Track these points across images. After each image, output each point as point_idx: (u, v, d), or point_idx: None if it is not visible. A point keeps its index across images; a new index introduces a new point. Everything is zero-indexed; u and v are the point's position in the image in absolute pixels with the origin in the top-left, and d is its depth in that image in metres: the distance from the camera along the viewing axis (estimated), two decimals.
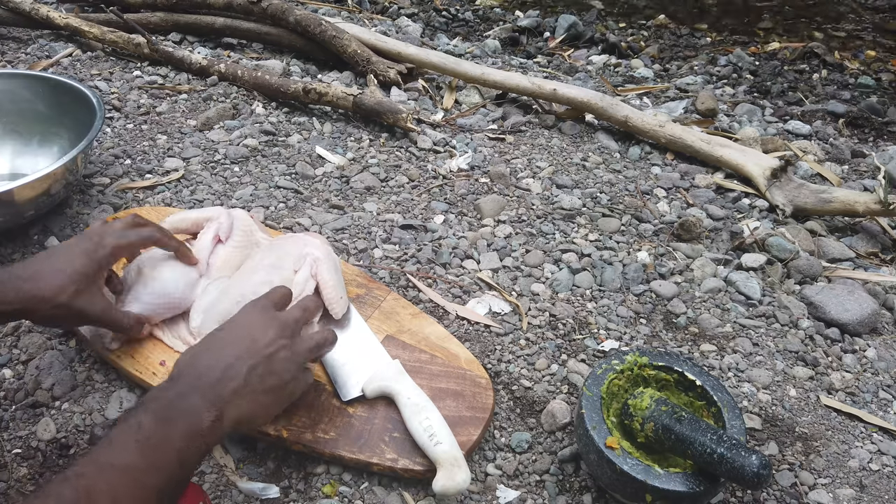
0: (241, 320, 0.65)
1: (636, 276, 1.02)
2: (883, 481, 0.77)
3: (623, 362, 0.74)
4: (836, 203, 1.17)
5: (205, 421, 0.55)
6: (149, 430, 0.52)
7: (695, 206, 1.22)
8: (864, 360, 0.93)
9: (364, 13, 2.22)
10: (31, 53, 1.55)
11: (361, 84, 1.55)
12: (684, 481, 0.63)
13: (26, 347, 0.84)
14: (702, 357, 0.90)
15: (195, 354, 0.61)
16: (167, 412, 0.54)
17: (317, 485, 0.71)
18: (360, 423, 0.73)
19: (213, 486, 0.70)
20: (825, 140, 1.54)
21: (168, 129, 1.30)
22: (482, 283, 1.00)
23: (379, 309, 0.88)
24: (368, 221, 1.10)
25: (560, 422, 0.78)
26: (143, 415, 0.53)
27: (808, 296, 1.01)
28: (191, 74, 1.50)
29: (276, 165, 1.22)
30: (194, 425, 0.55)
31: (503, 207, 1.16)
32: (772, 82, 1.91)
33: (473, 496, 0.71)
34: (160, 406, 0.55)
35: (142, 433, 0.52)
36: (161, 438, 0.52)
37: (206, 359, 0.60)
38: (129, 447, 0.51)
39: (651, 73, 1.93)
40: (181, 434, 0.54)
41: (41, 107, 1.14)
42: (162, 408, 0.55)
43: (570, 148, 1.38)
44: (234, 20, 1.68)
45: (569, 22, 2.19)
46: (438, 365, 0.81)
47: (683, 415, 0.66)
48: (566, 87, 1.43)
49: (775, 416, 0.83)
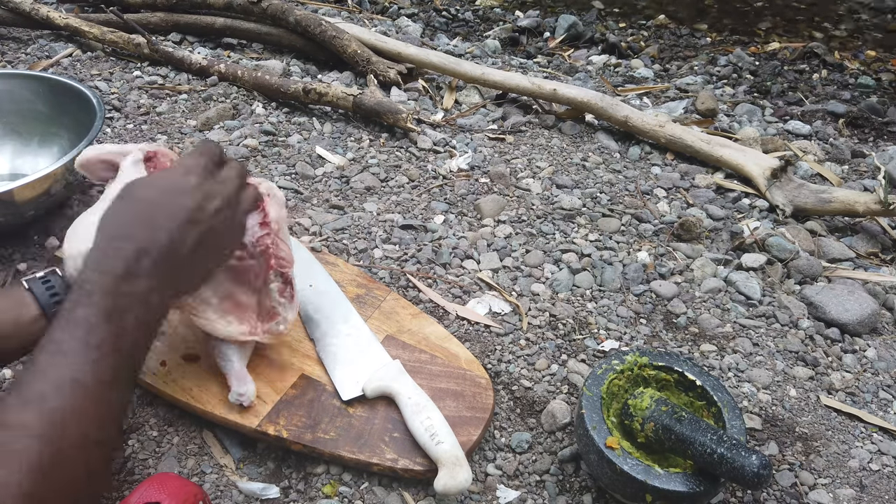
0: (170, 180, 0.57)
1: (636, 276, 1.02)
2: (883, 481, 0.77)
3: (623, 362, 0.74)
4: (836, 203, 1.17)
5: (158, 304, 0.51)
6: (102, 331, 0.47)
7: (695, 206, 1.22)
8: (864, 360, 0.93)
9: (364, 13, 2.22)
10: (31, 53, 1.55)
11: (361, 84, 1.55)
12: (684, 481, 0.63)
13: None
14: (702, 357, 0.91)
15: (127, 221, 0.53)
16: (115, 302, 0.48)
17: (317, 485, 0.71)
18: (360, 423, 0.73)
19: (213, 486, 0.70)
20: (825, 140, 1.54)
21: (168, 130, 1.30)
22: (482, 283, 1.00)
23: (379, 309, 0.88)
24: (368, 221, 1.10)
25: (560, 422, 0.78)
26: (89, 309, 0.47)
27: (808, 296, 1.01)
28: (191, 74, 1.50)
29: (276, 165, 1.22)
30: (149, 313, 0.50)
31: (503, 207, 1.16)
32: (772, 82, 1.91)
33: (473, 496, 0.71)
34: (105, 297, 0.48)
35: (95, 336, 0.46)
36: (116, 336, 0.47)
37: (142, 228, 0.52)
38: (86, 356, 0.46)
39: (651, 73, 1.93)
40: (135, 326, 0.49)
41: (41, 107, 1.14)
42: (108, 299, 0.48)
43: (570, 148, 1.38)
44: (234, 20, 1.68)
45: (569, 22, 2.19)
46: (438, 365, 0.81)
47: (683, 415, 0.66)
48: (566, 87, 1.43)
49: (775, 416, 0.83)
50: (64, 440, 0.43)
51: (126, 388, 0.49)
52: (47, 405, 0.43)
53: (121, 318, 0.48)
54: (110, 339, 0.47)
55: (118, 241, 0.52)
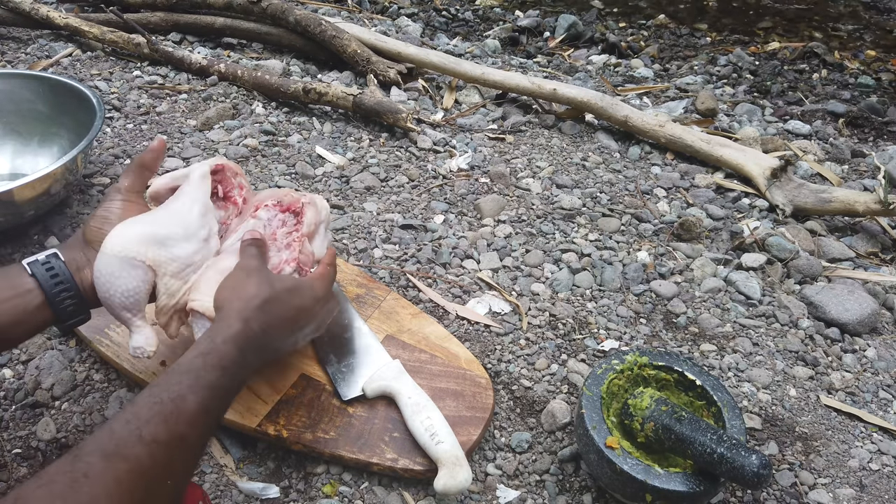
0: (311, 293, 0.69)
1: (636, 276, 1.02)
2: (883, 481, 0.77)
3: (623, 362, 0.74)
4: (836, 203, 1.17)
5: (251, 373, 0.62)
6: (218, 401, 0.56)
7: (695, 206, 1.22)
8: (864, 360, 0.93)
9: (364, 13, 2.22)
10: (31, 53, 1.55)
11: (361, 84, 1.55)
12: (684, 481, 0.63)
13: (26, 347, 0.84)
14: (702, 357, 0.91)
15: (269, 312, 0.64)
16: (235, 382, 0.58)
17: (317, 485, 0.71)
18: (360, 423, 0.73)
19: (213, 486, 0.70)
20: (825, 140, 1.54)
21: (168, 129, 1.30)
22: (482, 282, 1.00)
23: (379, 309, 0.88)
24: (368, 221, 1.10)
25: (560, 422, 0.78)
26: (219, 380, 0.56)
27: (808, 296, 1.01)
28: (191, 74, 1.50)
29: (276, 165, 1.22)
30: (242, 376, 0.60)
31: (503, 207, 1.16)
32: (772, 82, 1.91)
33: (473, 496, 0.71)
34: (234, 372, 0.58)
35: (213, 403, 0.55)
36: (222, 410, 0.57)
37: (276, 329, 0.64)
38: (199, 420, 0.53)
39: (651, 72, 1.93)
40: (232, 401, 0.59)
41: (41, 107, 1.14)
42: (234, 376, 0.58)
43: (570, 148, 1.38)
44: (234, 20, 1.68)
45: (569, 22, 2.19)
46: (438, 365, 0.81)
47: (683, 415, 0.66)
48: (566, 87, 1.43)
49: (775, 415, 0.83)
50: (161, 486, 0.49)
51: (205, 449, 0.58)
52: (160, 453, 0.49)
53: (233, 393, 0.59)
54: (219, 409, 0.56)
55: (258, 324, 0.62)
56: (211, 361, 0.56)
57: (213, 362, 0.56)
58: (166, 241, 0.66)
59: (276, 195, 0.78)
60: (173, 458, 0.50)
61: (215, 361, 0.56)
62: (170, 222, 0.68)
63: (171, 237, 0.67)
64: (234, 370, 0.58)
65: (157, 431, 0.49)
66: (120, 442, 0.48)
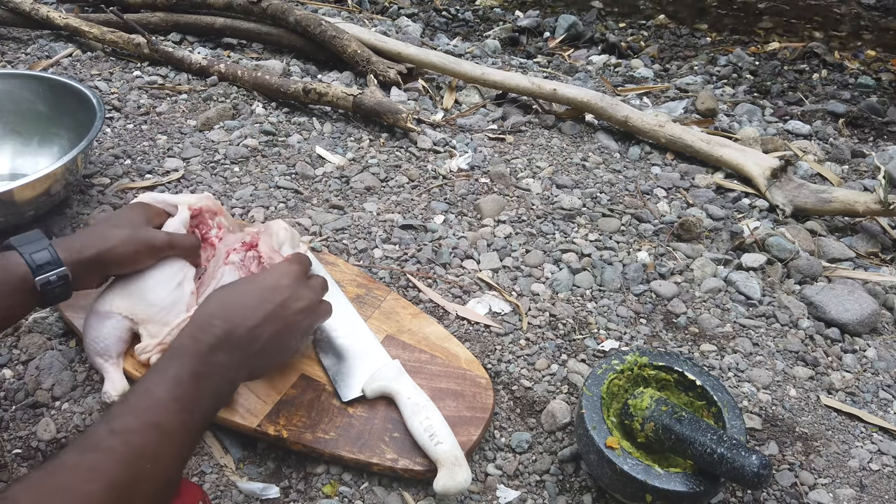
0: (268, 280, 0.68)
1: (636, 276, 1.02)
2: (883, 481, 0.77)
3: (623, 362, 0.74)
4: (836, 203, 1.17)
5: (233, 380, 0.61)
6: (187, 388, 0.55)
7: (695, 206, 1.22)
8: (864, 360, 0.93)
9: (364, 13, 2.22)
10: (31, 53, 1.55)
11: (361, 84, 1.55)
12: (684, 481, 0.63)
13: (26, 347, 0.84)
14: (702, 357, 0.91)
15: (224, 305, 0.64)
16: (202, 367, 0.58)
17: (317, 485, 0.71)
18: (360, 423, 0.73)
19: (213, 486, 0.70)
20: (825, 140, 1.54)
21: (168, 129, 1.30)
22: (482, 283, 1.00)
23: (379, 309, 0.88)
24: (368, 221, 1.10)
25: (560, 422, 0.78)
26: (180, 368, 0.56)
27: (808, 296, 1.01)
28: (191, 74, 1.50)
29: (276, 165, 1.22)
30: (223, 383, 0.59)
31: (503, 207, 1.16)
32: (772, 82, 1.91)
33: (473, 496, 0.71)
34: (195, 361, 0.58)
35: (181, 390, 0.55)
36: (196, 397, 0.56)
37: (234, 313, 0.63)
38: (170, 407, 0.54)
39: (651, 73, 1.93)
40: (212, 392, 0.58)
41: (41, 107, 1.14)
42: (197, 363, 0.58)
43: (570, 148, 1.38)
44: (234, 20, 1.68)
45: (569, 22, 2.19)
46: (438, 365, 0.81)
47: (683, 415, 0.66)
48: (566, 87, 1.43)
49: (775, 416, 0.83)
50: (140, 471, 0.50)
51: (194, 440, 0.56)
52: (134, 439, 0.51)
53: (203, 381, 0.57)
54: (192, 396, 0.56)
55: (215, 318, 0.61)
56: (169, 355, 0.58)
57: (171, 355, 0.58)
58: (139, 292, 0.75)
59: (239, 237, 0.83)
60: (148, 442, 0.51)
61: (172, 354, 0.58)
62: (143, 275, 0.76)
63: (143, 288, 0.76)
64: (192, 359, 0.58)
65: (127, 422, 0.51)
66: (92, 437, 0.50)
